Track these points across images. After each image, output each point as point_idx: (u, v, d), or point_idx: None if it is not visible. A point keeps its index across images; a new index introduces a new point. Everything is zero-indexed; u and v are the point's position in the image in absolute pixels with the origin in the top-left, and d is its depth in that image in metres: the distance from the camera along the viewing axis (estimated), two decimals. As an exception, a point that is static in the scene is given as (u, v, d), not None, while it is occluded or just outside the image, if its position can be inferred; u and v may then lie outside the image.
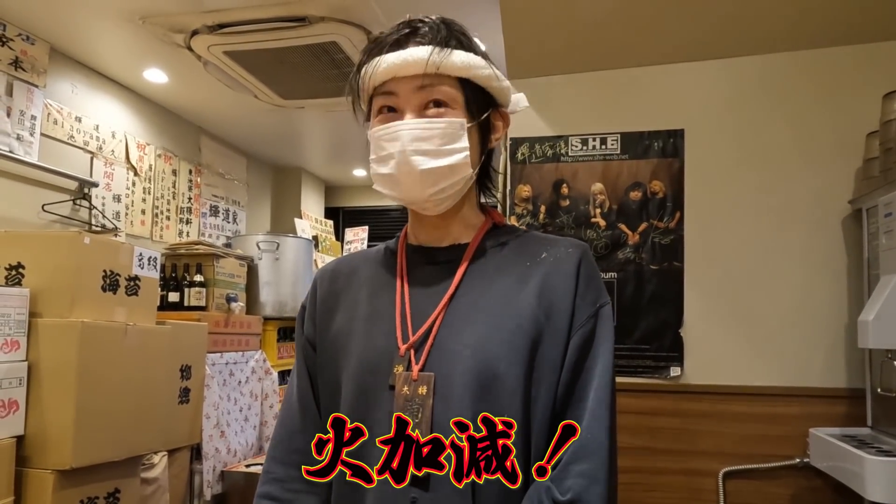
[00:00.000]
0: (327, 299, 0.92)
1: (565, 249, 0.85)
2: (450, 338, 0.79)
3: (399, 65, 0.80)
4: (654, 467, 2.05)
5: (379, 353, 0.81)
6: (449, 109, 0.81)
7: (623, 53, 2.15)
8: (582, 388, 0.78)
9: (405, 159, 0.80)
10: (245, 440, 3.03)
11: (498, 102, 0.88)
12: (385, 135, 0.81)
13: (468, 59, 0.82)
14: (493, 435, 0.75)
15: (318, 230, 4.83)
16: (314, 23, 2.59)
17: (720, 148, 2.11)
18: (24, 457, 1.84)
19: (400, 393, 0.77)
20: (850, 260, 1.98)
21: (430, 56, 0.79)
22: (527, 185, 2.24)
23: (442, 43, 0.81)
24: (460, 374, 0.77)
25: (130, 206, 3.51)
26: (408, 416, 0.76)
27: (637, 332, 2.11)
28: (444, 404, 0.76)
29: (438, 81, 0.81)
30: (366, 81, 0.84)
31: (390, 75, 0.81)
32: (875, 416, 1.81)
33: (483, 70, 0.83)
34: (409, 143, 0.79)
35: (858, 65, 2.01)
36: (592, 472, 0.74)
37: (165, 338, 2.32)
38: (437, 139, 0.80)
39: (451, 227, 0.88)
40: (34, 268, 1.96)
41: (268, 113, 3.79)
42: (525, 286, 0.81)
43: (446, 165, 0.80)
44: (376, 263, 0.92)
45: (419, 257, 0.88)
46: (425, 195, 0.81)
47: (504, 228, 0.90)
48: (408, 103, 0.81)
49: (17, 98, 2.78)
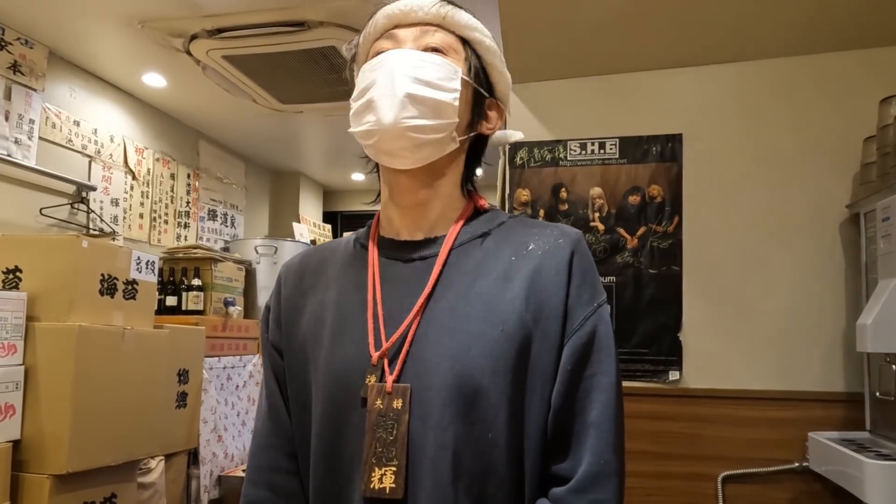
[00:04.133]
0: (293, 300, 0.83)
1: (555, 239, 0.75)
2: (427, 347, 0.70)
3: (403, 12, 0.77)
4: (653, 471, 2.05)
5: (349, 362, 0.73)
6: (448, 56, 0.76)
7: (622, 58, 2.15)
8: (583, 399, 0.70)
9: (390, 81, 0.71)
10: (242, 445, 3.02)
11: (496, 92, 0.83)
12: (372, 65, 0.75)
13: (474, 21, 0.79)
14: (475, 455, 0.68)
15: (316, 234, 4.83)
16: (313, 27, 2.60)
17: (718, 152, 2.12)
18: (20, 461, 1.82)
19: (373, 407, 0.69)
20: (848, 264, 1.98)
21: (435, 4, 0.76)
22: (525, 189, 2.25)
23: (448, 1, 0.78)
24: (439, 388, 0.68)
25: (128, 210, 3.51)
26: (381, 433, 0.69)
27: (635, 337, 2.11)
28: (422, 423, 0.68)
29: (442, 31, 0.77)
30: (366, 35, 0.79)
31: (393, 23, 0.77)
32: (874, 420, 1.81)
33: (487, 39, 0.79)
34: (399, 66, 0.72)
35: (856, 70, 2.02)
36: (607, 501, 0.68)
37: (163, 342, 2.31)
38: (429, 70, 0.73)
39: (429, 208, 0.78)
40: (32, 271, 1.95)
41: (266, 117, 3.79)
42: (510, 285, 0.72)
43: (433, 98, 0.72)
44: (345, 259, 0.83)
45: (392, 252, 0.78)
46: (402, 124, 0.71)
47: (487, 215, 0.81)
48: (406, 43, 0.76)
49: (16, 102, 2.78)
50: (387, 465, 0.68)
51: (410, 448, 0.68)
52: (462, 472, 0.67)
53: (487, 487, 0.68)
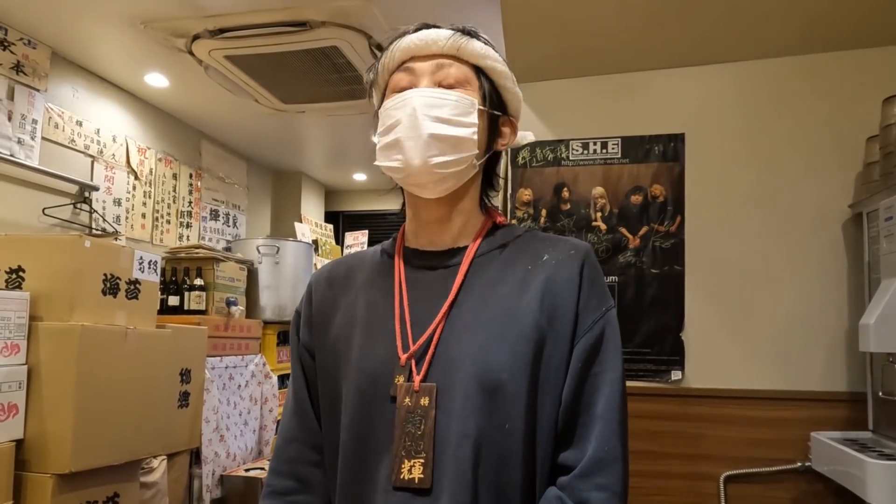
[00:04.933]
0: (324, 305, 0.89)
1: (567, 251, 0.82)
2: (451, 347, 0.77)
3: (419, 45, 0.81)
4: (656, 471, 2.05)
5: (379, 362, 0.79)
6: (463, 90, 0.81)
7: (624, 57, 2.15)
8: (591, 395, 0.76)
9: (414, 123, 0.78)
10: (245, 444, 3.02)
11: (508, 110, 0.88)
12: (396, 103, 0.80)
13: (486, 50, 0.83)
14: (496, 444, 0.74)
15: (318, 234, 4.83)
16: (315, 27, 2.60)
17: (721, 152, 2.11)
18: (23, 461, 1.83)
19: (402, 404, 0.76)
20: (851, 264, 1.98)
21: (450, 38, 0.81)
22: (528, 188, 2.24)
23: (462, 31, 0.82)
24: (462, 384, 0.75)
25: (131, 210, 3.51)
26: (410, 429, 0.75)
27: (638, 336, 2.11)
28: (446, 416, 0.75)
29: (456, 64, 0.81)
30: (385, 65, 0.84)
31: (410, 55, 0.82)
32: (876, 420, 1.81)
33: (499, 65, 0.84)
34: (421, 107, 0.78)
35: (858, 69, 2.02)
36: (611, 485, 0.73)
37: (165, 341, 2.31)
38: (448, 108, 0.79)
39: (452, 223, 0.85)
40: (34, 271, 1.95)
41: (268, 117, 3.80)
42: (526, 291, 0.79)
43: (454, 136, 0.78)
44: (373, 267, 0.89)
45: (417, 262, 0.85)
46: (428, 164, 0.78)
47: (504, 229, 0.88)
48: (423, 78, 0.81)
49: (19, 102, 2.79)
50: (415, 458, 0.74)
51: (436, 439, 0.74)
52: (481, 460, 0.74)
53: (503, 474, 0.74)
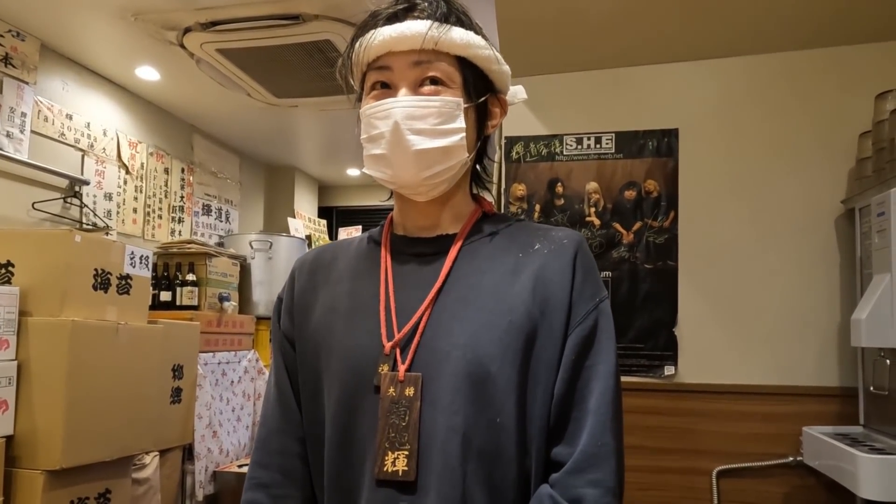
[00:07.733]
0: (306, 292, 0.86)
1: (560, 241, 0.79)
2: (438, 336, 0.74)
3: (395, 38, 0.75)
4: (649, 466, 2.05)
5: (362, 351, 0.76)
6: (446, 88, 0.76)
7: (618, 53, 2.15)
8: (584, 388, 0.73)
9: (398, 139, 0.74)
10: (237, 440, 3.01)
11: (496, 88, 0.83)
12: (377, 112, 0.76)
13: (468, 37, 0.77)
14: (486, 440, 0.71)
15: (311, 229, 4.81)
16: (308, 21, 2.58)
17: (714, 147, 2.12)
18: (13, 457, 1.81)
19: (386, 395, 0.73)
20: (843, 259, 1.99)
21: (428, 30, 0.74)
22: (521, 184, 2.24)
23: (441, 18, 0.76)
24: (450, 375, 0.72)
25: (122, 205, 3.48)
26: (393, 420, 0.72)
27: (631, 331, 2.11)
28: (432, 408, 0.72)
29: (436, 58, 0.76)
30: (359, 56, 0.79)
31: (385, 49, 0.76)
32: (867, 415, 1.82)
33: (483, 50, 0.78)
34: (403, 121, 0.74)
35: (851, 65, 2.02)
36: (605, 480, 0.70)
37: (157, 337, 2.30)
38: (432, 118, 0.75)
39: (441, 215, 0.82)
40: (24, 266, 1.93)
41: (261, 111, 3.77)
42: (517, 279, 0.76)
43: (441, 147, 0.75)
44: (359, 254, 0.86)
45: (405, 248, 0.82)
46: (419, 178, 0.76)
47: (495, 217, 0.85)
48: (402, 79, 0.76)
49: (7, 95, 2.75)
50: (399, 450, 0.71)
51: (422, 432, 0.71)
52: (471, 455, 0.71)
53: (496, 470, 0.71)
